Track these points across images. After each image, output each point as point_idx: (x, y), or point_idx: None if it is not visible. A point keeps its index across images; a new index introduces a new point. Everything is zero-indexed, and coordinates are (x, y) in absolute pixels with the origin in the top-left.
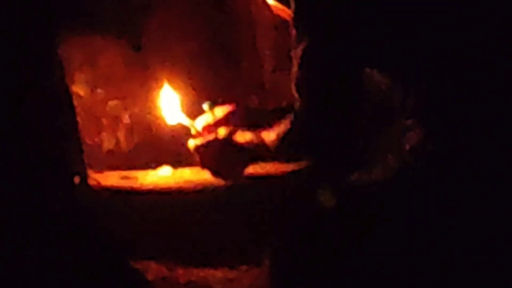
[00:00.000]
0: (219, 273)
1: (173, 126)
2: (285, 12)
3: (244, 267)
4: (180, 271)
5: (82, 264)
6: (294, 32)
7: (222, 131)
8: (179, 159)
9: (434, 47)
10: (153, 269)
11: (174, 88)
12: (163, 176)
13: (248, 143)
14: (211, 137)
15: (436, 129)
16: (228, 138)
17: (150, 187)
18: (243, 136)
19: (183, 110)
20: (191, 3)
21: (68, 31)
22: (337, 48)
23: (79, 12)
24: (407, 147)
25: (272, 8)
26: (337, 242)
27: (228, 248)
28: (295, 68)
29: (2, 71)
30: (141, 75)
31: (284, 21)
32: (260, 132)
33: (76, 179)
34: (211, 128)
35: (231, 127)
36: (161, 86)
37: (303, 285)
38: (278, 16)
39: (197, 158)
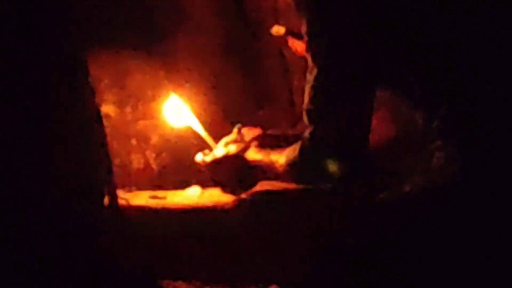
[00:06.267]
0: None
1: (183, 129)
2: (301, 47)
3: (273, 287)
4: None
5: (111, 284)
6: (308, 61)
7: (233, 148)
8: (208, 179)
9: (457, 70)
10: None
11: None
12: (192, 196)
13: (258, 162)
14: (221, 153)
15: (463, 149)
16: (239, 155)
17: (179, 206)
18: (253, 155)
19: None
20: (222, 33)
21: (97, 52)
22: (353, 73)
23: (108, 34)
24: (436, 167)
25: (290, 46)
26: (369, 258)
27: (257, 267)
28: (306, 96)
29: (33, 93)
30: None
31: None
32: (270, 153)
33: (106, 199)
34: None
35: (243, 145)
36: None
37: None
38: (296, 51)
39: (204, 170)
